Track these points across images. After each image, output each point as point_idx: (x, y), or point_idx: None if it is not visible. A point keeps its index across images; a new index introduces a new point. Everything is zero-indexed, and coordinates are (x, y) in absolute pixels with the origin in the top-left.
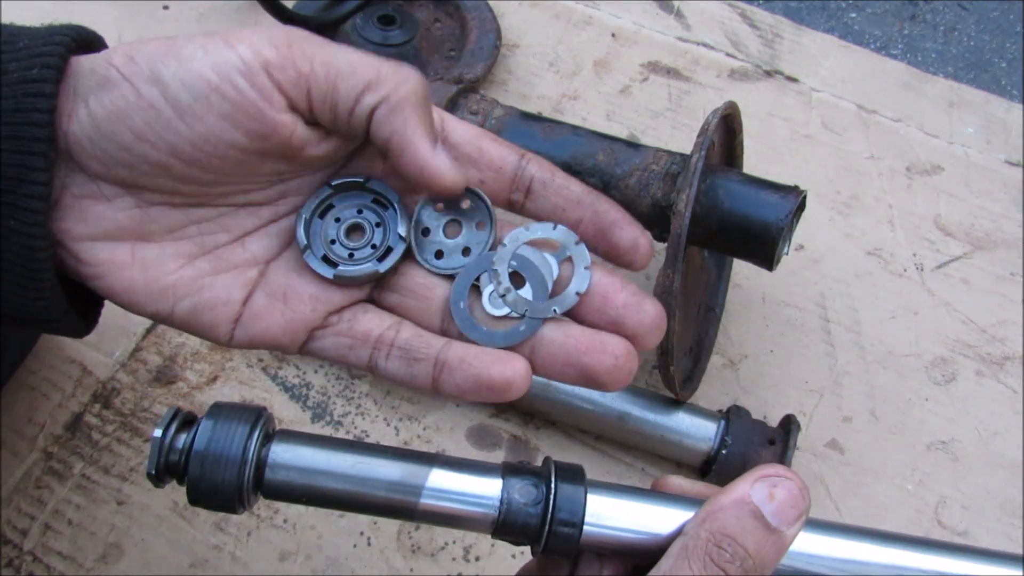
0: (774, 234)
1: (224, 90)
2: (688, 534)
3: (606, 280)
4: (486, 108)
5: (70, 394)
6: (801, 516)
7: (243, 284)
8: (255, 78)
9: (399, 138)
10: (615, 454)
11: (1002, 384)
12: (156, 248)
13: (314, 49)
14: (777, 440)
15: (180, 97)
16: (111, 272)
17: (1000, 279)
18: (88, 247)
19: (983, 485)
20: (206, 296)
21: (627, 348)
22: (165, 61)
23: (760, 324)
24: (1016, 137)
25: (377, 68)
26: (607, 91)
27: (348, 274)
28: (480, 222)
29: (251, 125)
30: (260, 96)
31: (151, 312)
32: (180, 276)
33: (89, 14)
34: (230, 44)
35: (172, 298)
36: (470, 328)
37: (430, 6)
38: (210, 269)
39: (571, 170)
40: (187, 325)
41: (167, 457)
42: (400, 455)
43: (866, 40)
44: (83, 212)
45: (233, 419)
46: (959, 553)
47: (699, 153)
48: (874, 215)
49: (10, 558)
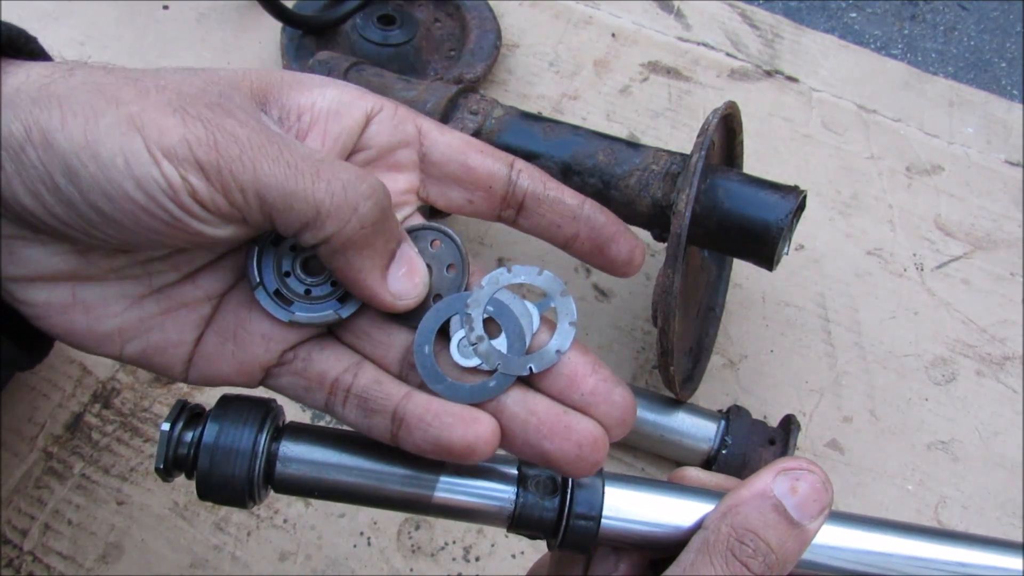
0: (774, 234)
1: (152, 211)
2: (709, 529)
3: (576, 359)
4: (486, 108)
5: (70, 394)
6: (824, 510)
7: (194, 324)
8: (183, 202)
9: (343, 275)
10: (615, 454)
11: (1002, 384)
12: (99, 288)
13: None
14: (777, 440)
15: (101, 205)
16: (51, 314)
17: (1000, 279)
18: (24, 288)
19: (983, 485)
20: (154, 338)
21: (595, 435)
22: (82, 158)
23: (760, 324)
24: (1016, 137)
25: (316, 205)
26: (607, 91)
27: (304, 321)
28: (451, 264)
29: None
30: (189, 216)
31: (98, 353)
32: (126, 318)
33: (89, 14)
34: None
35: (119, 341)
36: (433, 379)
37: (430, 6)
38: (158, 309)
39: (571, 170)
40: (138, 364)
41: (176, 451)
42: (409, 460)
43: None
44: (14, 253)
45: (243, 412)
46: (977, 544)
47: (699, 153)
48: (874, 215)
49: (10, 558)
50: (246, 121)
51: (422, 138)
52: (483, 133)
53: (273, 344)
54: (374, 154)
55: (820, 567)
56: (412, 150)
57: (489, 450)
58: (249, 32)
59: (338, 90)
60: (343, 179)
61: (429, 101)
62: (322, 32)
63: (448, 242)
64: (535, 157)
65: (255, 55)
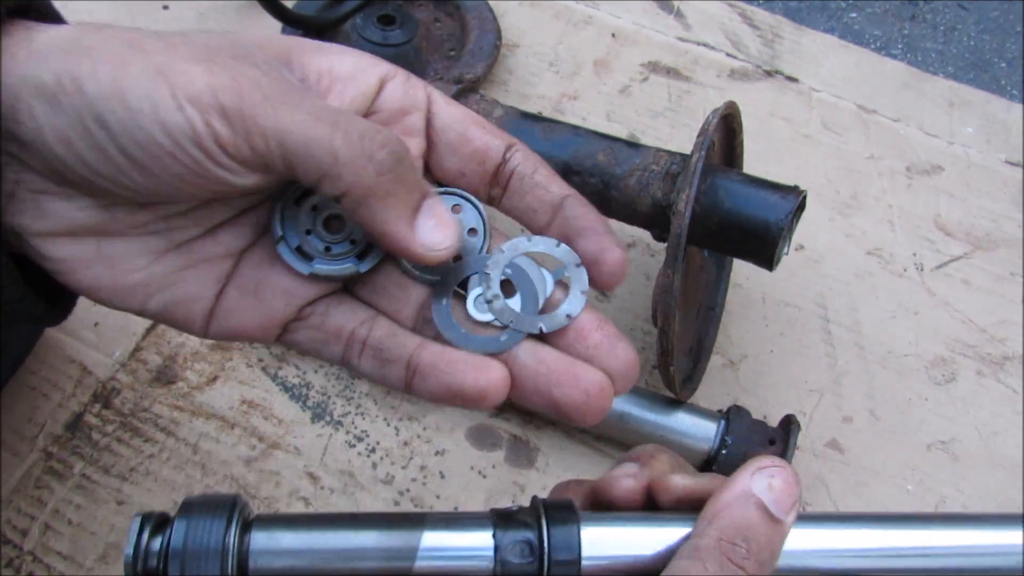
0: (774, 234)
1: (178, 156)
2: (697, 535)
3: (584, 316)
4: (486, 108)
5: (70, 394)
6: (796, 503)
7: (216, 278)
8: (208, 147)
9: (369, 227)
10: (615, 454)
11: (1002, 384)
12: (122, 243)
13: (264, 118)
14: (777, 440)
15: (130, 150)
16: (76, 269)
17: (1000, 279)
18: (49, 243)
19: (983, 485)
20: (178, 292)
21: (601, 383)
22: (111, 104)
23: (760, 324)
24: (1016, 137)
25: (334, 152)
26: (607, 91)
27: (325, 272)
28: (472, 228)
29: (209, 185)
30: (213, 163)
31: (121, 308)
32: (150, 272)
33: (89, 14)
34: (176, 98)
35: (143, 295)
36: (448, 327)
37: (430, 6)
38: (181, 264)
39: (571, 170)
40: (160, 319)
41: (145, 563)
42: (386, 521)
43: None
44: (40, 208)
45: (207, 512)
46: (950, 523)
47: (699, 153)
48: (874, 215)
49: (10, 558)
50: (269, 72)
51: (430, 104)
52: None
53: (293, 299)
54: (385, 117)
55: (795, 569)
56: (420, 115)
57: (500, 396)
58: (249, 32)
59: (355, 56)
60: (359, 128)
61: None
62: (322, 32)
63: (469, 207)
64: None
65: None
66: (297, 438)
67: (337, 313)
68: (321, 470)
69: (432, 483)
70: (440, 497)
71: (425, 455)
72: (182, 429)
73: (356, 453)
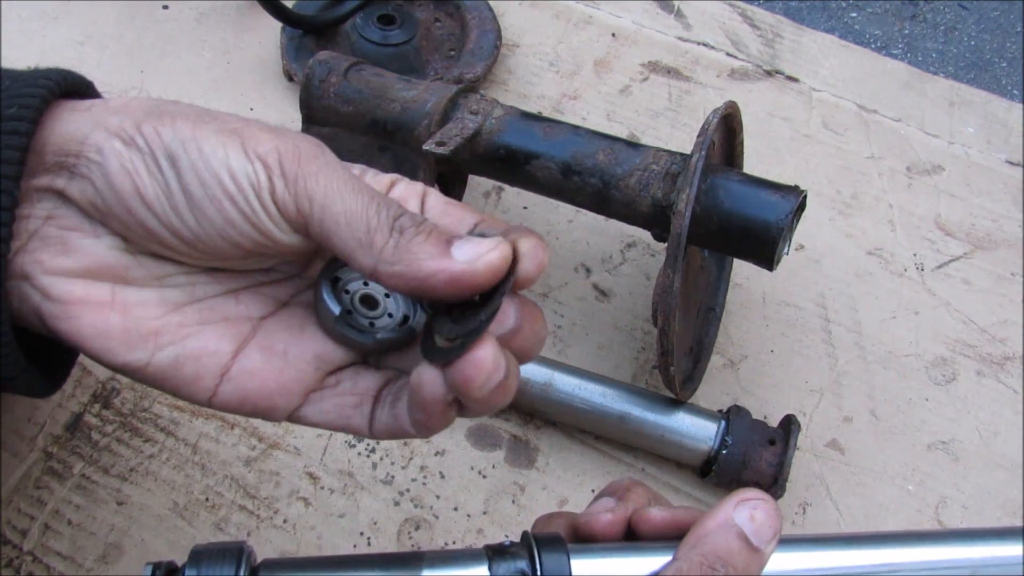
0: (774, 234)
1: (237, 200)
2: (680, 559)
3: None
4: (486, 108)
5: (70, 394)
6: (776, 535)
7: (235, 336)
8: (263, 198)
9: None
10: (615, 454)
11: (1002, 384)
12: (138, 292)
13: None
14: (777, 440)
15: (193, 189)
16: (85, 313)
17: (1000, 279)
18: (63, 283)
19: (983, 485)
20: (191, 345)
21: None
22: (187, 147)
23: (760, 324)
24: (1016, 137)
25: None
26: (607, 91)
27: (389, 338)
28: None
29: (253, 235)
30: (264, 213)
31: (123, 362)
32: (165, 322)
33: (88, 14)
34: (246, 152)
35: (153, 345)
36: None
37: (430, 6)
38: (199, 318)
39: (571, 170)
40: (164, 377)
41: None
42: (385, 562)
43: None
44: (66, 244)
45: (216, 560)
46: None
47: (699, 153)
48: (874, 215)
49: (10, 558)
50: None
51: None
52: (483, 133)
53: (323, 364)
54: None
55: None
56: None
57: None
58: (249, 32)
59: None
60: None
61: (429, 101)
62: (322, 32)
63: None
64: (535, 157)
65: (255, 55)
66: (297, 438)
67: (366, 375)
68: (321, 470)
69: (432, 483)
70: (440, 497)
71: (425, 455)
72: (182, 429)
73: (356, 453)
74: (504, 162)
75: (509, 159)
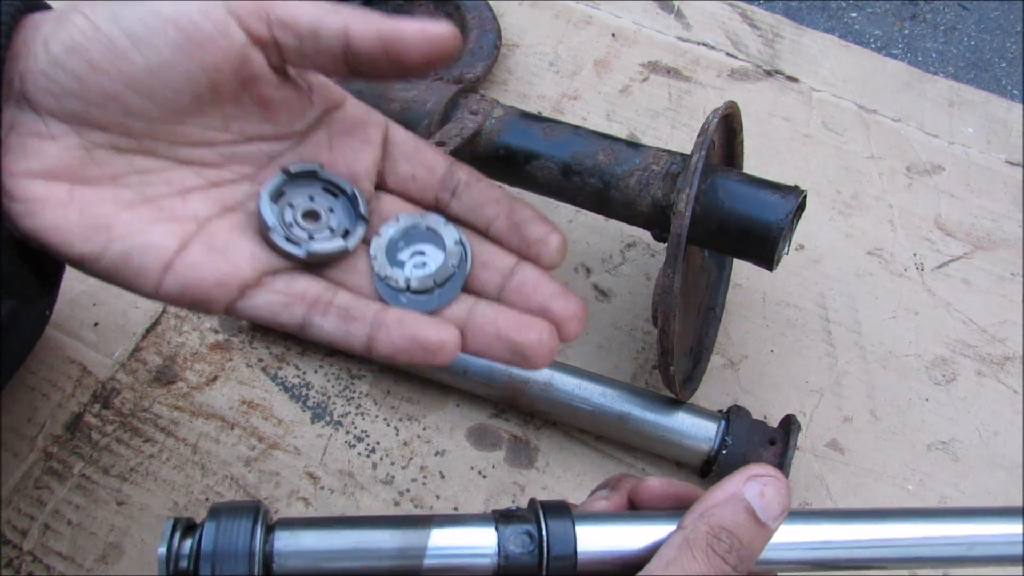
0: (774, 234)
1: (180, 23)
2: (687, 528)
3: (536, 274)
4: (486, 108)
5: (70, 394)
6: (784, 511)
7: (181, 234)
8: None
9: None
10: (615, 454)
11: (1002, 384)
12: (95, 191)
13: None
14: (777, 440)
15: (135, 29)
16: (45, 209)
17: (1000, 279)
18: (25, 183)
19: (983, 485)
20: (139, 240)
21: (551, 330)
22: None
23: (760, 324)
24: (1016, 137)
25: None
26: (607, 91)
27: (320, 251)
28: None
29: (205, 57)
30: (215, 28)
31: (79, 253)
32: (117, 218)
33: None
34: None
35: (106, 237)
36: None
37: (430, 6)
38: (149, 217)
39: (571, 170)
40: (115, 269)
41: (176, 565)
42: (397, 523)
43: (866, 40)
44: (26, 148)
45: (234, 516)
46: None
47: (699, 153)
48: (874, 215)
49: (10, 558)
50: None
51: (388, 124)
52: (483, 133)
53: (259, 263)
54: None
55: (774, 562)
56: (379, 130)
57: (454, 350)
58: None
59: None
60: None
61: (429, 101)
62: None
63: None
64: (535, 157)
65: None
66: (297, 438)
67: (302, 280)
68: (321, 470)
69: (432, 483)
70: (440, 497)
71: (425, 455)
72: (182, 429)
73: (356, 453)
74: (504, 162)
75: (509, 159)
